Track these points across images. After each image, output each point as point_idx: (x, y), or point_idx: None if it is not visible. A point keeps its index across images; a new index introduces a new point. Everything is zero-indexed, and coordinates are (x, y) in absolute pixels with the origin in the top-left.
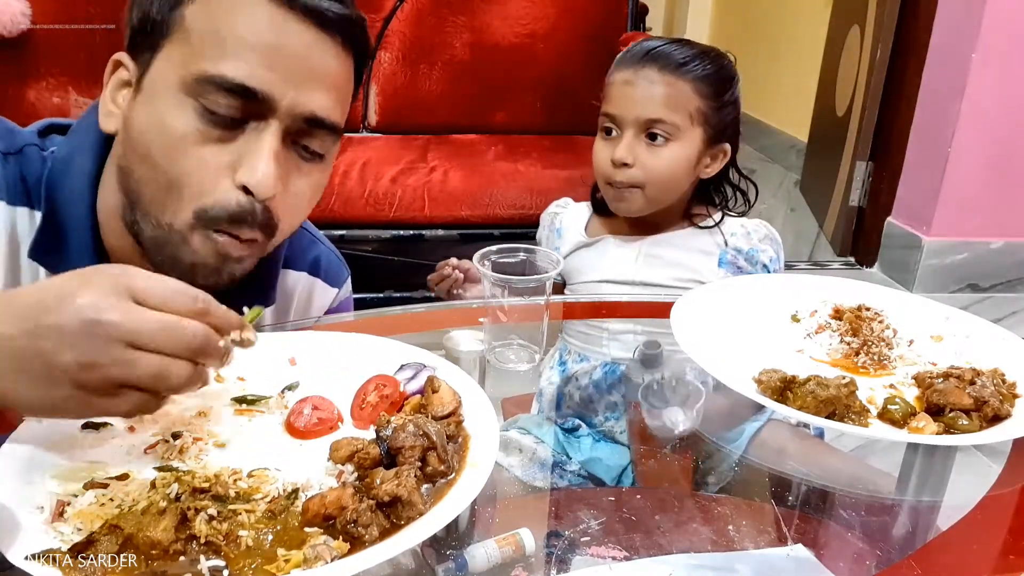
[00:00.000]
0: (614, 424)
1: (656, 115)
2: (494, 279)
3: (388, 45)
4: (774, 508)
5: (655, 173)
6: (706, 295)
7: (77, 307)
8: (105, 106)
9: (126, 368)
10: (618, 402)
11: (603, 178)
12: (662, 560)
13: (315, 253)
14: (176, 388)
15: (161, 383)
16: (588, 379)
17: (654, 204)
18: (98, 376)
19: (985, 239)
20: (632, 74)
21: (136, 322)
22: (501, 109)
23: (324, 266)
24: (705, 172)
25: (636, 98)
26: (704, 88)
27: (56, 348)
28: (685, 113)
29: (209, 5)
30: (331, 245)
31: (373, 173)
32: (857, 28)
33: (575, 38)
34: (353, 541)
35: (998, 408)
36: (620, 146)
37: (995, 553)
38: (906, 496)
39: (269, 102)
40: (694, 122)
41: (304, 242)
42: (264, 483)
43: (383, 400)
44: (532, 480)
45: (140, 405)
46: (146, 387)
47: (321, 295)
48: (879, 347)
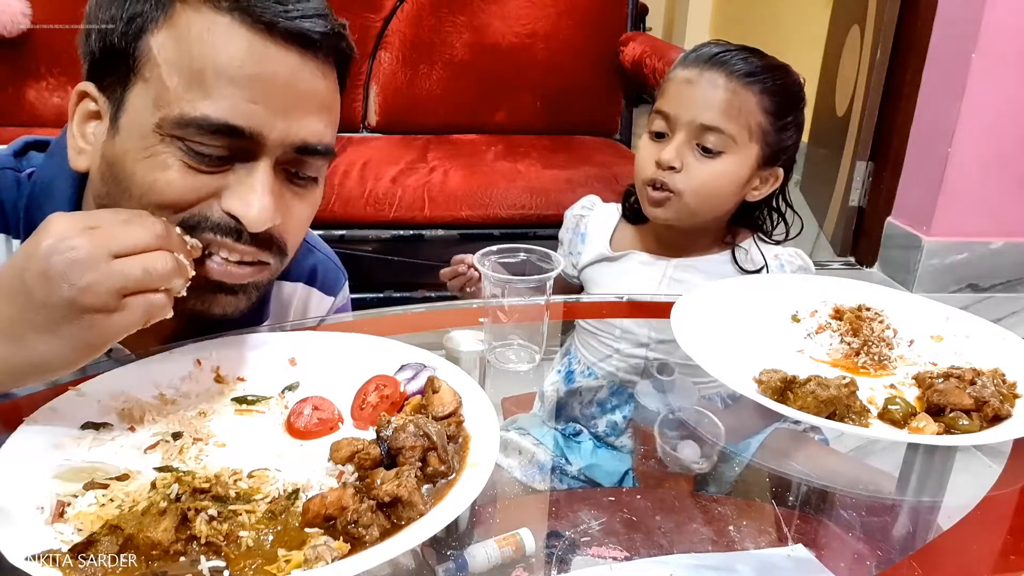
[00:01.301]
0: (615, 439)
1: (713, 122)
2: (494, 279)
3: (388, 45)
4: (774, 508)
5: (699, 183)
6: (706, 295)
7: (47, 249)
8: (74, 142)
9: (118, 275)
10: (618, 422)
11: (644, 180)
12: (662, 560)
13: (311, 262)
14: (167, 275)
15: (154, 275)
16: (593, 396)
17: (692, 217)
18: (98, 293)
19: (985, 239)
20: (696, 74)
21: (103, 235)
22: (501, 109)
23: (321, 275)
24: (752, 195)
25: (695, 100)
26: (769, 103)
27: (49, 290)
28: (744, 126)
29: (177, 34)
30: (328, 250)
31: (373, 173)
32: (857, 28)
33: (575, 38)
34: (353, 542)
35: (998, 408)
36: (669, 147)
37: (995, 553)
38: (906, 496)
39: (257, 137)
40: (752, 138)
41: (300, 251)
42: (264, 483)
43: (383, 400)
44: (531, 482)
45: (149, 308)
46: (144, 286)
47: (317, 305)
48: (879, 347)
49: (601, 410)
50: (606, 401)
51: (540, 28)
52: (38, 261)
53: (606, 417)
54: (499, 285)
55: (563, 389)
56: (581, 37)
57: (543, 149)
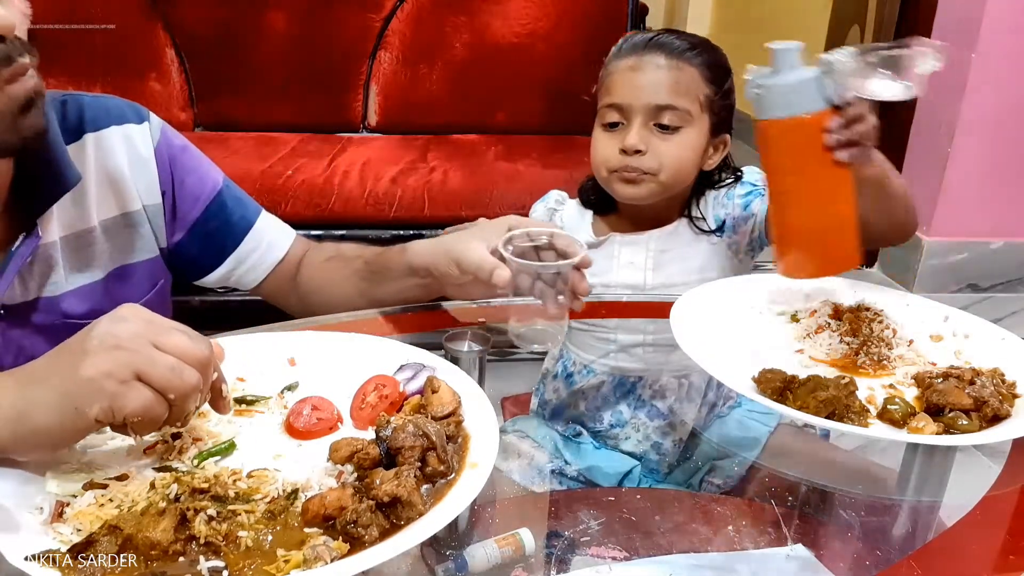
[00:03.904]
0: (619, 432)
1: (667, 100)
2: (518, 265)
3: (388, 45)
4: (774, 508)
5: (668, 159)
6: (706, 295)
7: (105, 316)
8: None
9: (145, 357)
10: (623, 411)
11: (611, 169)
12: (662, 560)
13: (103, 104)
14: (187, 388)
15: (175, 380)
16: (596, 392)
17: (664, 192)
18: (116, 359)
19: (985, 239)
20: (636, 60)
21: (155, 327)
22: (501, 109)
23: (116, 110)
24: (707, 163)
25: (645, 84)
26: (709, 74)
27: (82, 339)
28: (694, 99)
29: None
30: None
31: (373, 173)
32: (857, 28)
33: (575, 38)
34: (353, 542)
35: (998, 408)
36: (631, 133)
37: (995, 553)
38: (906, 496)
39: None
40: (703, 109)
41: (85, 103)
42: (264, 483)
43: (383, 400)
44: (531, 485)
45: (147, 404)
46: (160, 384)
47: (141, 138)
48: (879, 347)
49: (605, 406)
50: (609, 395)
51: (540, 28)
52: (92, 324)
53: (609, 413)
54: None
55: (564, 391)
56: (581, 37)
57: (543, 149)
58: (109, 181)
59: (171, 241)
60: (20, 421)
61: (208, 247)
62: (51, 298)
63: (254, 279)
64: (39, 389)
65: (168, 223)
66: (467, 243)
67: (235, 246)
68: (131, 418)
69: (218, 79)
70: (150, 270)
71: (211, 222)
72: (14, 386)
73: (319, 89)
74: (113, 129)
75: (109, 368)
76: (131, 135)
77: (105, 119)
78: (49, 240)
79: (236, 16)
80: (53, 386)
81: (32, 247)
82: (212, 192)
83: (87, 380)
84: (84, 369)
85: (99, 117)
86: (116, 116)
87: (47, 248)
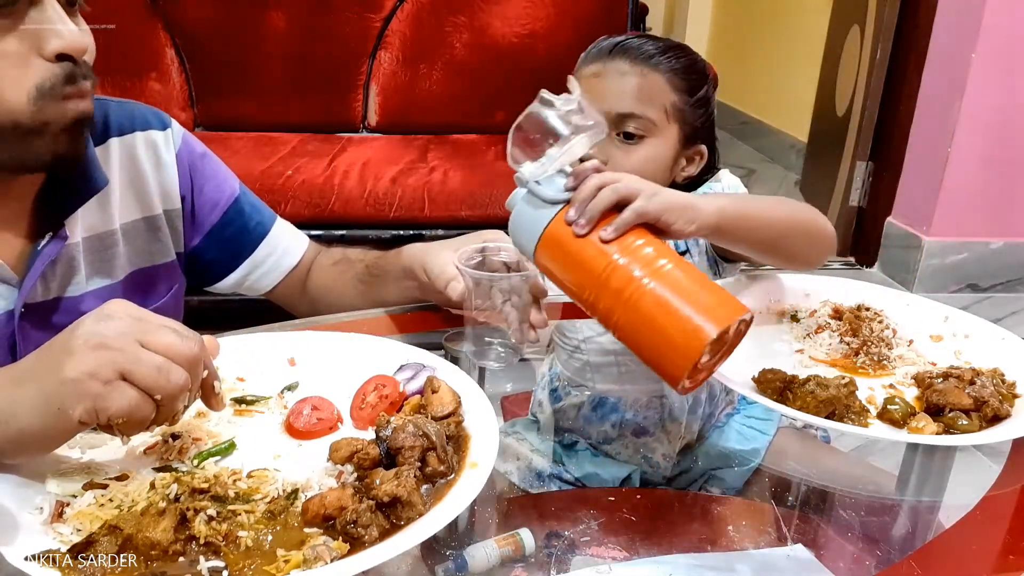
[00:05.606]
0: (608, 448)
1: (629, 108)
2: (471, 276)
3: (388, 45)
4: (774, 508)
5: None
6: None
7: (90, 313)
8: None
9: (131, 355)
10: (607, 431)
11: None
12: (662, 560)
13: (128, 110)
14: (174, 388)
15: (161, 380)
16: (577, 412)
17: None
18: (100, 358)
19: (985, 239)
20: (601, 67)
21: (143, 325)
22: (501, 109)
23: (140, 117)
24: (680, 175)
25: (607, 91)
26: (678, 82)
27: (66, 338)
28: (660, 107)
29: None
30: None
31: (373, 173)
32: (857, 28)
33: (575, 38)
34: (353, 542)
35: (998, 408)
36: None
37: (995, 553)
38: (906, 496)
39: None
40: (670, 118)
41: (110, 107)
42: (264, 483)
43: (382, 400)
44: (530, 488)
45: (132, 405)
46: (145, 384)
47: (164, 144)
48: (879, 347)
49: (588, 423)
50: (591, 415)
51: (540, 28)
52: (78, 322)
53: (595, 428)
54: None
55: (550, 406)
56: (581, 37)
57: None
58: (132, 185)
59: (188, 246)
60: (7, 423)
61: (224, 252)
62: (72, 298)
63: (267, 284)
64: (23, 389)
65: (187, 228)
66: (437, 252)
67: (251, 252)
68: (115, 419)
69: (218, 79)
70: (167, 274)
71: (228, 228)
72: (2, 386)
73: (319, 89)
74: (137, 135)
75: (92, 368)
76: (154, 141)
77: (130, 124)
78: (73, 241)
79: (236, 16)
80: (37, 387)
81: (58, 248)
82: (230, 198)
83: (70, 381)
84: (67, 369)
85: (124, 122)
86: (140, 122)
87: (71, 249)
